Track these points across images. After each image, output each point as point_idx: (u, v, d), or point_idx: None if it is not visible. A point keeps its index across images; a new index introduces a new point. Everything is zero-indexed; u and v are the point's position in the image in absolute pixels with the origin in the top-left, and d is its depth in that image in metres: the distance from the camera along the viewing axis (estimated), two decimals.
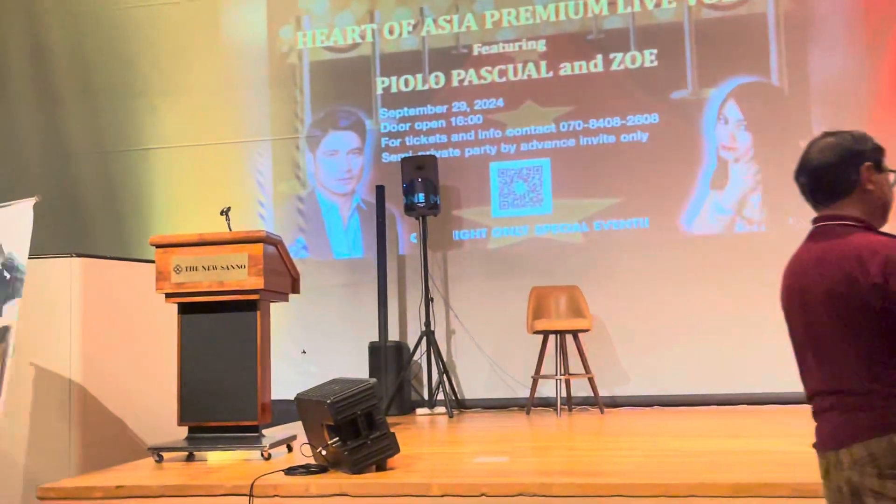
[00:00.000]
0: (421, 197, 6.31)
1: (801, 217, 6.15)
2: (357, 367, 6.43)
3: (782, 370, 6.01)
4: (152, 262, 4.18)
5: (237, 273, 4.00)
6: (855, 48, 6.23)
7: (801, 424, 4.68)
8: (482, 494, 3.10)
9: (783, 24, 6.31)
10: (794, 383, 6.12)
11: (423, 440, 4.72)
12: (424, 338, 6.31)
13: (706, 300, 6.23)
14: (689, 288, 6.28)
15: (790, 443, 4.02)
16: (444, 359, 6.45)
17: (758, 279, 6.12)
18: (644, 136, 6.48)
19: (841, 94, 6.20)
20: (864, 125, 3.13)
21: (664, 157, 6.44)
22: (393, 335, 6.60)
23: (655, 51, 6.49)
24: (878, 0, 6.21)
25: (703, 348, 6.17)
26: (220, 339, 4.08)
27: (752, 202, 6.31)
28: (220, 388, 4.03)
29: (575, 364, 6.06)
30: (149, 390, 4.63)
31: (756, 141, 6.34)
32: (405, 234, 6.81)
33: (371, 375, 6.34)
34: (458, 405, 6.46)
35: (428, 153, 6.59)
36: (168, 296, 4.09)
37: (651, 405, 6.15)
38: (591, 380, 5.90)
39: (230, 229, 4.26)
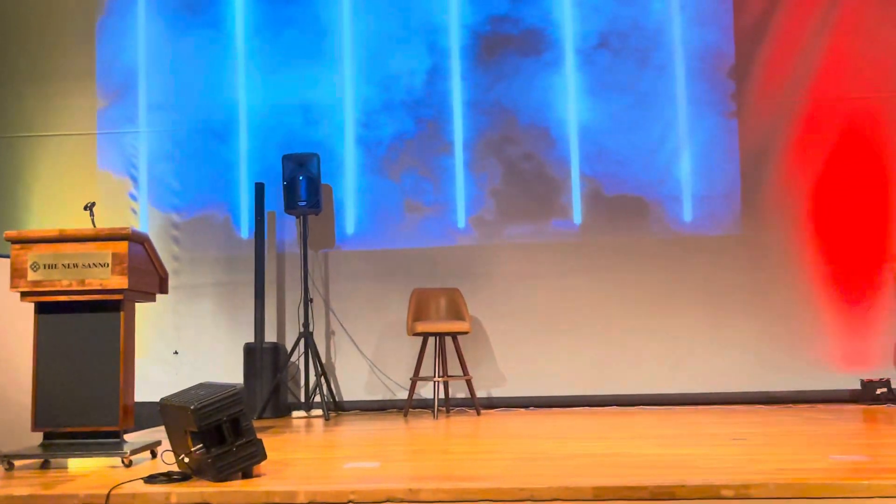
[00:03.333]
0: (302, 195, 6.22)
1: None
2: (232, 369, 6.29)
3: (651, 372, 6.30)
4: (8, 257, 3.95)
5: (100, 272, 3.83)
6: None
7: (666, 426, 4.86)
8: (349, 502, 3.06)
9: None
10: (661, 385, 6.39)
11: (295, 445, 4.64)
12: (303, 339, 6.22)
13: (581, 302, 6.38)
14: (565, 290, 6.41)
15: (652, 444, 4.15)
16: (323, 360, 6.38)
17: (632, 282, 6.36)
18: None
19: None
20: None
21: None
22: (270, 336, 6.47)
23: None
24: None
25: (575, 350, 6.32)
26: (80, 340, 3.89)
27: None
28: (80, 391, 3.84)
29: (454, 366, 6.10)
30: (4, 393, 4.38)
31: None
32: (285, 233, 6.69)
33: (246, 377, 6.21)
34: (336, 407, 6.40)
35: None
36: (24, 295, 3.87)
37: (526, 406, 6.25)
38: (468, 382, 5.95)
39: (94, 225, 4.07)
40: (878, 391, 5.91)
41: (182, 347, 6.55)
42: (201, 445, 3.28)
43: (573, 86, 6.57)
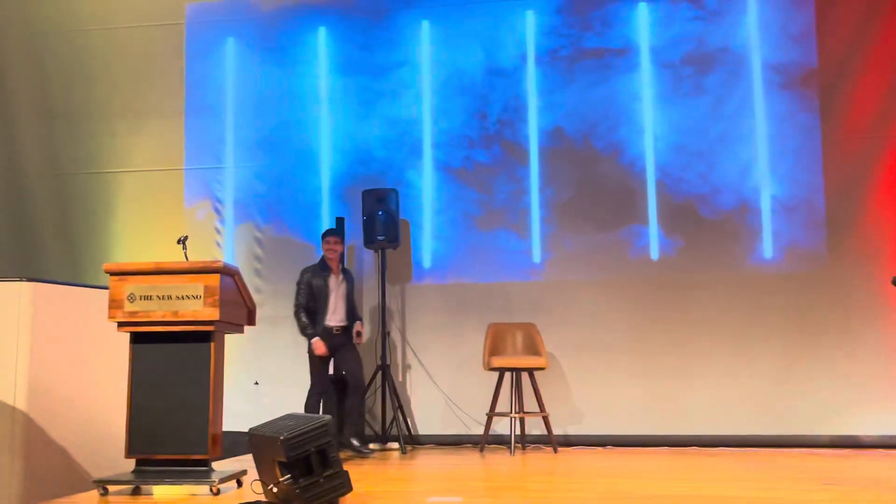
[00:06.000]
0: (381, 230, 6.31)
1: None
2: None
3: (732, 412, 6.15)
4: (106, 288, 4.11)
5: (192, 303, 3.95)
6: None
7: (750, 468, 4.75)
8: None
9: None
10: (743, 426, 6.22)
11: (375, 477, 4.67)
12: (380, 372, 6.27)
13: (660, 339, 6.28)
14: (643, 327, 6.34)
15: (738, 487, 4.05)
16: (399, 394, 6.42)
17: (713, 319, 6.25)
18: None
19: None
20: None
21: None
22: None
23: None
24: None
25: (654, 388, 6.22)
26: (172, 369, 4.01)
27: None
28: (171, 419, 3.96)
29: (529, 401, 6.07)
30: (99, 421, 4.53)
31: None
32: (364, 266, 6.79)
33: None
34: (412, 441, 6.41)
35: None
36: (121, 324, 4.02)
37: (604, 445, 6.17)
38: (545, 418, 5.91)
39: (187, 258, 4.21)
40: None
41: (262, 378, 6.67)
42: (289, 476, 3.33)
43: (650, 121, 6.55)
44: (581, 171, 6.58)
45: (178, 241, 4.35)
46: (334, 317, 5.86)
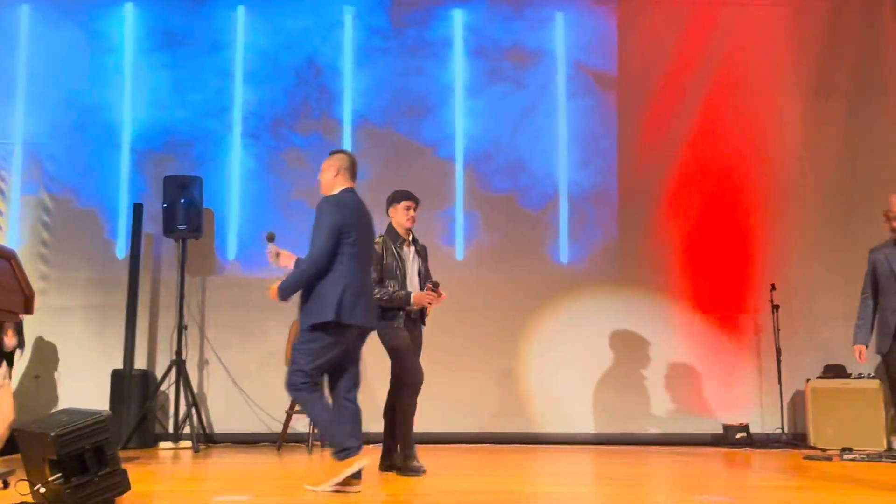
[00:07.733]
0: (182, 218, 6.04)
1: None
2: (98, 396, 6.00)
3: (522, 411, 6.32)
4: None
5: None
6: None
7: (534, 465, 4.93)
8: None
9: None
10: (531, 425, 6.35)
11: (162, 477, 4.46)
12: (174, 367, 6.00)
13: (457, 341, 6.33)
14: (444, 327, 6.40)
15: (524, 483, 4.18)
16: (195, 390, 6.17)
17: (507, 321, 6.43)
18: None
19: None
20: None
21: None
22: (140, 363, 6.22)
23: None
24: None
25: (453, 387, 6.27)
26: None
27: None
28: None
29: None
30: None
31: None
32: (163, 256, 6.47)
33: (113, 405, 5.94)
34: (207, 439, 6.18)
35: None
36: None
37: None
38: None
39: None
40: (738, 435, 6.17)
41: (45, 371, 6.20)
42: (60, 475, 3.10)
43: (462, 115, 6.72)
44: (395, 160, 6.57)
45: None
46: None
